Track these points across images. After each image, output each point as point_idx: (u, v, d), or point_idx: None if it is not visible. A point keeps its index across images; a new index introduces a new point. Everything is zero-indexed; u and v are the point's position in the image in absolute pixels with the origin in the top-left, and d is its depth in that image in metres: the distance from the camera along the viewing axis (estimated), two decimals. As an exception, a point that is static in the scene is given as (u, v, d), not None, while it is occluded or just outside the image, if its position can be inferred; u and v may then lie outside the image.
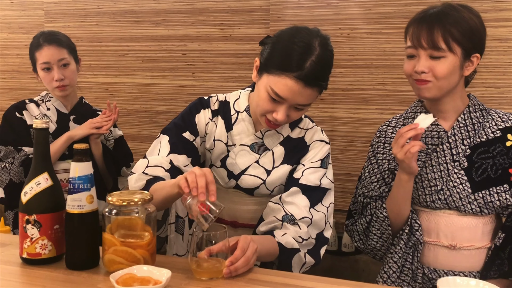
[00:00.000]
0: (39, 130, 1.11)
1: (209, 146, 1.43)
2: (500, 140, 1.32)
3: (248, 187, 1.40)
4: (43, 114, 1.93)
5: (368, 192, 1.42)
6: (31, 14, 2.98)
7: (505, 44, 2.23)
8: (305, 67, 1.21)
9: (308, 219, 1.31)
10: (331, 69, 1.30)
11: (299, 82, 1.22)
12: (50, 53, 1.88)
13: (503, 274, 1.27)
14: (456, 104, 1.35)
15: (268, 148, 1.40)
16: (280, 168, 1.39)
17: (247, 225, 1.43)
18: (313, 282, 1.05)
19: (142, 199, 1.07)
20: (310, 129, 1.43)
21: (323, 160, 1.39)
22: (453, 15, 1.26)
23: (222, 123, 1.42)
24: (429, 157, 1.36)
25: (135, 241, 1.06)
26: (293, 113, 1.29)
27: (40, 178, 1.10)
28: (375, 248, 1.40)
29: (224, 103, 1.45)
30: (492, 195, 1.29)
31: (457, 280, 0.95)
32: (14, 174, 1.80)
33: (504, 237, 1.29)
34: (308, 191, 1.34)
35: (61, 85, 1.89)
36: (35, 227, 1.09)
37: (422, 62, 1.26)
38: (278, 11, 2.49)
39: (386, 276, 1.34)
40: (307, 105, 1.30)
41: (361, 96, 2.43)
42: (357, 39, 2.40)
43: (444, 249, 1.34)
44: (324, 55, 1.25)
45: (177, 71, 2.74)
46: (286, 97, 1.24)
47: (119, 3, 2.80)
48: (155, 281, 0.97)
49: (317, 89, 1.26)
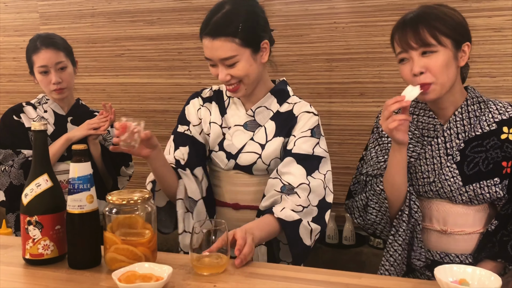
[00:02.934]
0: (38, 132, 1.12)
1: (206, 129, 1.52)
2: (495, 133, 1.32)
3: (246, 164, 1.46)
4: (41, 117, 1.93)
5: (373, 171, 1.44)
6: (26, 16, 2.99)
7: (499, 34, 2.23)
8: (210, 23, 1.35)
9: (306, 185, 1.36)
10: (246, 19, 1.37)
11: (208, 37, 1.35)
12: (47, 56, 1.88)
13: (493, 255, 1.29)
14: (455, 99, 1.35)
15: (260, 124, 1.48)
16: (273, 141, 1.45)
17: (248, 207, 1.47)
18: (313, 274, 1.07)
19: (141, 198, 1.08)
20: (298, 103, 1.50)
21: (313, 129, 1.44)
22: (433, 12, 1.28)
23: (217, 108, 1.53)
24: (424, 150, 1.38)
25: (136, 239, 1.07)
26: (230, 70, 1.38)
27: (40, 180, 1.11)
28: (374, 223, 1.42)
29: (217, 91, 1.56)
30: (482, 188, 1.30)
31: (454, 268, 0.96)
32: (14, 176, 1.81)
33: (497, 224, 1.31)
34: (302, 159, 1.39)
35: (59, 88, 1.90)
36: (37, 228, 1.10)
37: (416, 62, 1.26)
38: (272, 7, 2.50)
39: (392, 259, 1.35)
40: (231, 58, 1.35)
41: (358, 89, 2.44)
42: (352, 32, 2.41)
43: (436, 233, 1.37)
44: (232, 10, 1.36)
45: (173, 69, 2.75)
46: (209, 56, 1.37)
47: (113, 3, 2.80)
48: (156, 278, 0.98)
49: (226, 39, 1.34)
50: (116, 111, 2.00)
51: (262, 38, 1.41)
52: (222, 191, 1.52)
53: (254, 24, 1.39)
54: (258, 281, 1.03)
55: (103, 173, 1.98)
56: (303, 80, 2.50)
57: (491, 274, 0.94)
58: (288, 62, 2.51)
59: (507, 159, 1.30)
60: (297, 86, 2.50)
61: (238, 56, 1.36)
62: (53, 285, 1.02)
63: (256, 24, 1.40)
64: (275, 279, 1.04)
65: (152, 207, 1.11)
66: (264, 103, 1.48)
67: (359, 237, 2.46)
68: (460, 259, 1.35)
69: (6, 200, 1.86)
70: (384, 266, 1.36)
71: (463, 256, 1.35)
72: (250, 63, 1.39)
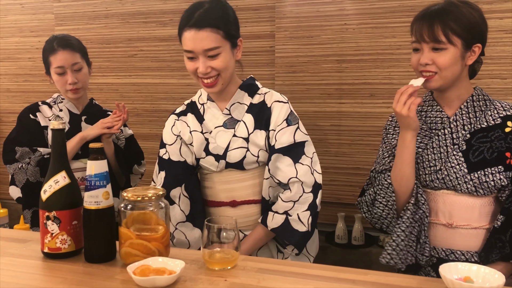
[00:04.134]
0: (56, 130, 1.16)
1: (187, 139, 1.58)
2: (500, 127, 1.39)
3: (237, 161, 1.52)
4: (56, 115, 1.98)
5: (379, 167, 1.49)
6: (41, 18, 3.04)
7: (510, 35, 2.23)
8: (194, 16, 1.42)
9: (294, 178, 1.46)
10: (226, 15, 1.47)
11: (192, 28, 1.41)
12: (64, 57, 1.93)
13: (504, 256, 1.31)
14: (460, 93, 1.43)
15: (238, 120, 1.54)
16: (255, 133, 1.52)
17: (245, 202, 1.54)
18: (320, 270, 1.09)
19: (155, 194, 1.11)
20: (268, 93, 1.57)
21: (287, 119, 1.52)
22: (453, 11, 1.34)
23: (193, 117, 1.60)
24: (431, 140, 1.45)
25: (150, 235, 1.11)
26: (211, 62, 1.44)
27: (58, 177, 1.15)
28: (381, 217, 1.46)
29: (191, 103, 1.64)
30: (487, 175, 1.35)
31: (459, 265, 0.98)
32: (30, 174, 1.86)
33: (504, 219, 1.34)
34: (288, 150, 1.48)
35: (75, 88, 1.95)
36: (55, 223, 1.14)
37: (425, 55, 1.36)
38: (284, 8, 2.52)
39: (395, 244, 1.38)
40: (215, 48, 1.42)
41: (368, 90, 2.45)
42: (363, 34, 2.43)
43: (442, 227, 1.40)
44: (213, 7, 1.44)
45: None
46: (191, 47, 1.43)
47: (127, 5, 2.85)
48: (169, 272, 1.02)
49: (212, 30, 1.41)
50: (129, 111, 2.05)
51: (238, 35, 1.50)
52: (217, 191, 1.56)
53: (232, 20, 1.48)
54: (268, 276, 1.06)
55: (116, 171, 2.02)
56: (313, 81, 2.53)
57: (495, 272, 0.95)
58: (299, 63, 2.54)
59: (511, 150, 1.36)
60: (308, 86, 2.53)
61: (221, 48, 1.43)
62: (71, 277, 1.06)
63: (233, 21, 1.49)
64: (284, 275, 1.07)
65: (165, 204, 1.14)
66: (237, 99, 1.55)
67: (368, 237, 2.47)
68: (466, 257, 1.37)
69: (22, 196, 1.91)
70: (387, 250, 1.40)
71: (469, 254, 1.37)
72: (229, 56, 1.47)
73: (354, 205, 2.47)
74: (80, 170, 1.90)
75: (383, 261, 1.40)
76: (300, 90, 2.53)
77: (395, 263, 1.38)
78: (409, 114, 1.33)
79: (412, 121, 1.35)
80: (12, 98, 3.16)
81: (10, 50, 3.14)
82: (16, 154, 1.89)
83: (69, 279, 1.05)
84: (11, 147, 1.91)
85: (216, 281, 1.03)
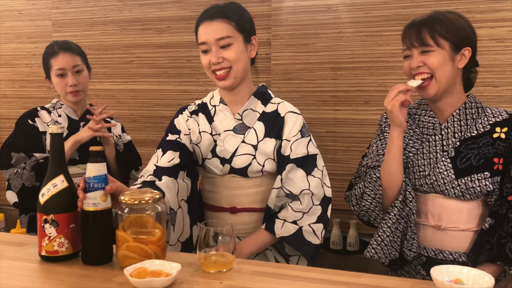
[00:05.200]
0: (55, 135, 1.17)
1: (196, 139, 1.58)
2: (488, 133, 1.42)
3: (241, 167, 1.52)
4: (55, 121, 2.00)
5: (372, 163, 1.53)
6: (39, 24, 3.06)
7: (502, 44, 2.28)
8: (210, 12, 1.49)
9: (307, 190, 1.48)
10: (240, 11, 1.52)
11: (206, 21, 1.48)
12: (65, 60, 1.95)
13: (491, 258, 1.34)
14: (453, 101, 1.46)
15: (249, 126, 1.55)
16: (265, 141, 1.53)
17: (245, 209, 1.54)
18: (314, 273, 1.11)
19: (152, 198, 1.13)
20: (281, 103, 1.59)
21: (301, 130, 1.54)
22: (439, 17, 1.42)
23: (204, 118, 1.60)
24: (422, 146, 1.49)
25: (147, 238, 1.12)
26: (223, 52, 1.47)
27: (56, 180, 1.17)
28: (369, 209, 1.49)
29: (202, 104, 1.64)
30: (473, 181, 1.39)
31: (450, 268, 1.00)
32: (26, 178, 1.87)
33: (492, 222, 1.36)
34: (301, 162, 1.50)
35: (75, 90, 1.96)
36: (53, 226, 1.15)
37: (415, 58, 1.42)
38: (280, 16, 2.56)
39: (380, 239, 1.42)
40: (226, 38, 1.46)
41: (363, 97, 2.48)
42: (357, 42, 2.46)
43: (431, 228, 1.44)
44: (228, 4, 1.51)
45: (182, 77, 2.81)
46: (205, 39, 1.47)
47: (124, 12, 2.88)
48: (166, 274, 1.03)
49: (224, 20, 1.46)
50: (125, 117, 2.07)
51: (252, 32, 1.53)
52: (218, 196, 1.57)
53: (246, 18, 1.52)
54: (263, 278, 1.08)
55: (116, 175, 2.03)
56: (309, 88, 2.55)
57: (485, 274, 0.98)
58: (295, 70, 2.57)
59: (499, 155, 1.39)
60: (303, 93, 2.55)
61: (232, 38, 1.47)
62: (68, 280, 1.07)
63: (248, 19, 1.53)
64: (278, 277, 1.08)
65: (162, 207, 1.16)
66: (250, 106, 1.57)
67: (363, 243, 2.49)
68: (454, 257, 1.41)
69: (18, 201, 1.91)
70: (372, 245, 1.44)
71: (457, 254, 1.41)
72: (242, 49, 1.49)
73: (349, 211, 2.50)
74: (78, 175, 1.92)
75: (368, 255, 1.44)
76: (296, 97, 2.56)
77: (378, 257, 1.42)
78: (392, 109, 1.37)
79: (395, 116, 1.38)
80: (9, 104, 3.17)
81: (8, 56, 3.15)
82: (12, 159, 1.90)
83: (66, 282, 1.06)
84: (7, 152, 1.92)
85: (212, 283, 1.05)
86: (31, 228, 1.95)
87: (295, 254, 1.54)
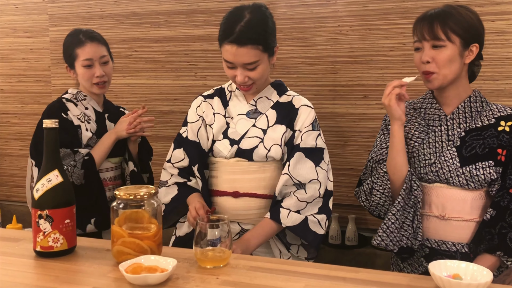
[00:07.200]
0: (50, 129, 1.16)
1: (209, 120, 1.64)
2: (493, 126, 1.46)
3: (248, 148, 1.57)
4: (84, 114, 1.93)
5: (377, 157, 1.57)
6: (35, 18, 3.04)
7: (502, 37, 2.26)
8: (235, 32, 1.46)
9: (316, 180, 1.53)
10: (266, 28, 1.51)
11: (233, 45, 1.46)
12: (93, 50, 1.89)
13: (492, 248, 1.36)
14: (458, 93, 1.50)
15: (262, 112, 1.60)
16: (275, 127, 1.58)
17: (247, 194, 1.57)
18: (312, 268, 1.10)
19: (148, 193, 1.12)
20: (296, 96, 1.65)
21: (313, 124, 1.59)
22: (452, 13, 1.43)
23: (219, 101, 1.66)
24: (428, 136, 1.52)
25: (142, 233, 1.11)
26: (249, 73, 1.51)
27: (51, 175, 1.16)
28: (378, 204, 1.52)
29: (220, 89, 1.71)
30: (477, 169, 1.42)
31: (448, 263, 0.99)
32: (76, 177, 1.79)
33: (493, 213, 1.39)
34: (310, 153, 1.55)
35: (102, 81, 1.91)
36: (47, 221, 1.14)
37: (426, 52, 1.44)
38: (278, 10, 2.54)
39: (385, 226, 1.44)
40: (254, 63, 1.49)
41: (361, 91, 2.47)
42: (356, 35, 2.44)
43: (435, 219, 1.47)
44: (253, 19, 1.48)
45: (179, 71, 2.79)
46: (232, 60, 1.49)
47: (121, 5, 2.85)
48: (161, 270, 1.02)
49: (252, 46, 1.47)
50: (122, 112, 2.04)
51: (275, 43, 1.56)
52: (221, 180, 1.60)
53: (271, 31, 1.53)
54: (259, 274, 1.07)
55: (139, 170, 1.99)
56: (307, 82, 2.54)
57: (483, 269, 0.97)
58: (293, 64, 2.55)
59: (502, 147, 1.43)
60: (302, 88, 2.54)
61: (259, 61, 1.50)
62: (63, 276, 1.06)
63: (272, 31, 1.54)
64: (275, 273, 1.07)
65: (157, 202, 1.15)
66: (265, 94, 1.62)
67: (361, 238, 2.49)
68: (457, 248, 1.43)
69: None
70: (378, 233, 1.46)
71: (460, 245, 1.43)
72: (266, 66, 1.54)
73: (348, 206, 2.49)
74: (108, 170, 1.91)
75: (374, 243, 1.46)
76: (294, 91, 2.52)
77: (386, 244, 1.44)
78: (390, 103, 1.42)
79: (393, 110, 1.43)
80: (6, 99, 3.16)
81: (4, 51, 3.13)
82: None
83: (61, 277, 1.05)
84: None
85: (208, 279, 1.04)
86: (104, 226, 1.85)
87: (295, 243, 1.58)
